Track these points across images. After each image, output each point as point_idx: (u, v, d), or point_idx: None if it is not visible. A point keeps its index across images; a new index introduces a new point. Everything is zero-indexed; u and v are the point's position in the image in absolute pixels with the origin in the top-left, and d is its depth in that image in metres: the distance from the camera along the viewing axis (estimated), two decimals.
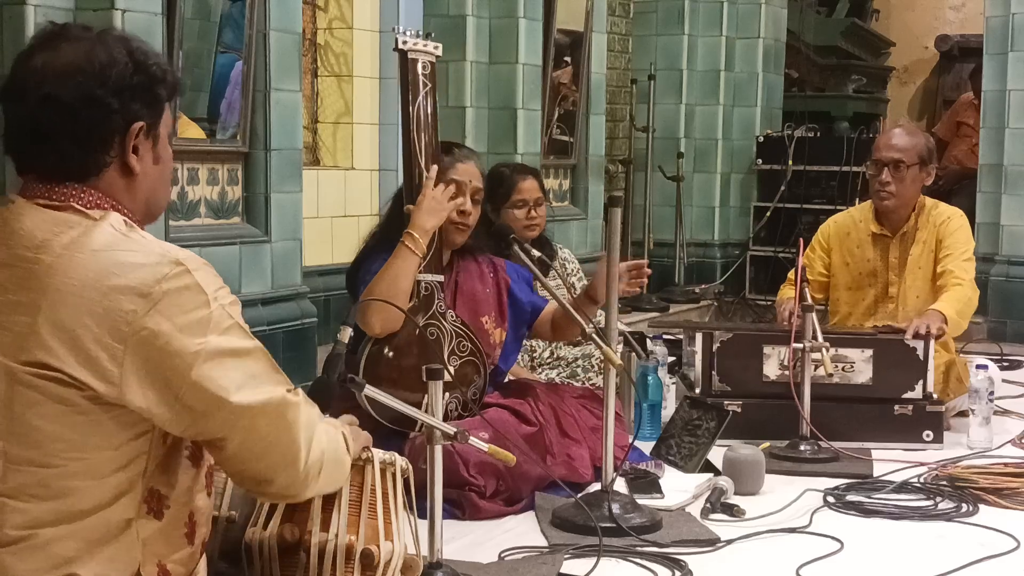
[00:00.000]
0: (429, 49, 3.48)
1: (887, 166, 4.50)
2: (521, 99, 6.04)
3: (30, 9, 3.64)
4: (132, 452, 1.80)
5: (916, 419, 4.17)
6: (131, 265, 1.77)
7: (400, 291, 3.34)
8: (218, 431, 1.84)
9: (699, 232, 8.18)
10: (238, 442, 1.86)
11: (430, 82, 3.47)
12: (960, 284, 4.37)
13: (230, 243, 4.38)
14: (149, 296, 1.75)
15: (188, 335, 1.76)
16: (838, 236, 4.69)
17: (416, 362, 3.32)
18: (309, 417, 1.94)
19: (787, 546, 3.13)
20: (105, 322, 1.74)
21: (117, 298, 1.75)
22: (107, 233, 1.80)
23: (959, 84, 10.64)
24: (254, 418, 1.84)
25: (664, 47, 8.10)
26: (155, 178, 1.92)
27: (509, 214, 4.31)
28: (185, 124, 4.26)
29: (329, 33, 6.22)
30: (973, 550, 3.09)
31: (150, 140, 1.89)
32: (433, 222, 3.40)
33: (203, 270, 1.82)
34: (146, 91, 1.87)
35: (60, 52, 1.82)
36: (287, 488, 1.96)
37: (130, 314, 1.74)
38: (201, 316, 1.78)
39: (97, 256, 1.77)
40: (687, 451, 3.79)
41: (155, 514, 1.84)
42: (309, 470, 1.94)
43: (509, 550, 3.03)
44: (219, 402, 1.80)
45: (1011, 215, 6.89)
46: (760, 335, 4.30)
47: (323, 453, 1.97)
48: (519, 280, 3.74)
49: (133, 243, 1.81)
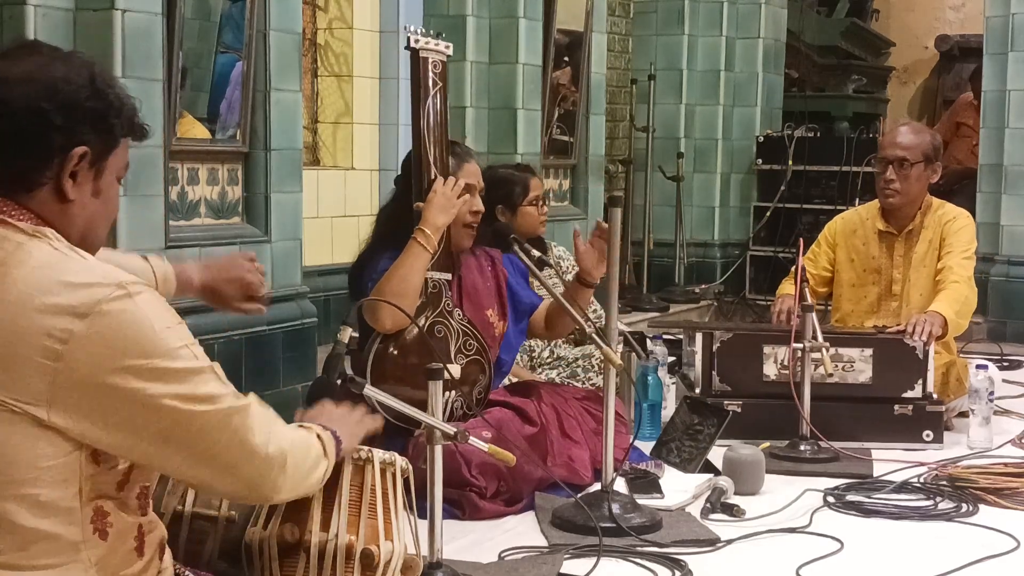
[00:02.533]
0: (440, 48, 3.49)
1: (892, 164, 4.51)
2: (521, 99, 6.04)
3: (30, 9, 3.64)
4: (64, 473, 1.73)
5: (916, 419, 4.17)
6: (71, 284, 1.71)
7: (411, 288, 3.34)
8: (160, 448, 1.77)
9: (699, 232, 8.18)
10: (186, 454, 1.79)
11: (441, 81, 3.48)
12: (957, 282, 4.37)
13: (230, 243, 4.38)
14: (87, 317, 1.69)
15: (129, 357, 1.71)
16: (844, 233, 4.70)
17: (422, 360, 3.32)
18: (262, 419, 1.87)
19: (787, 546, 3.14)
20: (38, 341, 1.68)
21: (53, 317, 1.68)
22: (46, 250, 1.74)
23: (959, 84, 10.63)
24: (205, 430, 1.78)
25: (664, 47, 8.10)
26: (94, 212, 1.83)
27: (527, 212, 4.36)
28: (190, 123, 4.27)
29: (329, 33, 6.22)
30: (973, 550, 3.09)
31: (93, 171, 1.81)
32: (444, 219, 3.40)
33: (146, 294, 1.75)
34: (99, 119, 1.79)
35: (20, 62, 1.78)
36: (240, 490, 1.90)
37: (65, 333, 1.68)
38: (143, 338, 1.72)
39: (35, 273, 1.71)
40: (687, 455, 3.78)
41: (101, 535, 1.78)
42: (267, 469, 1.87)
43: (509, 550, 3.03)
44: (164, 418, 1.74)
45: (1011, 215, 6.89)
46: (760, 335, 4.30)
47: (285, 451, 1.90)
48: (515, 273, 3.75)
49: (74, 262, 1.74)
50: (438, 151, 3.46)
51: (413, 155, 3.48)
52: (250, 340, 4.39)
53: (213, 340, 4.17)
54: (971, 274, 4.47)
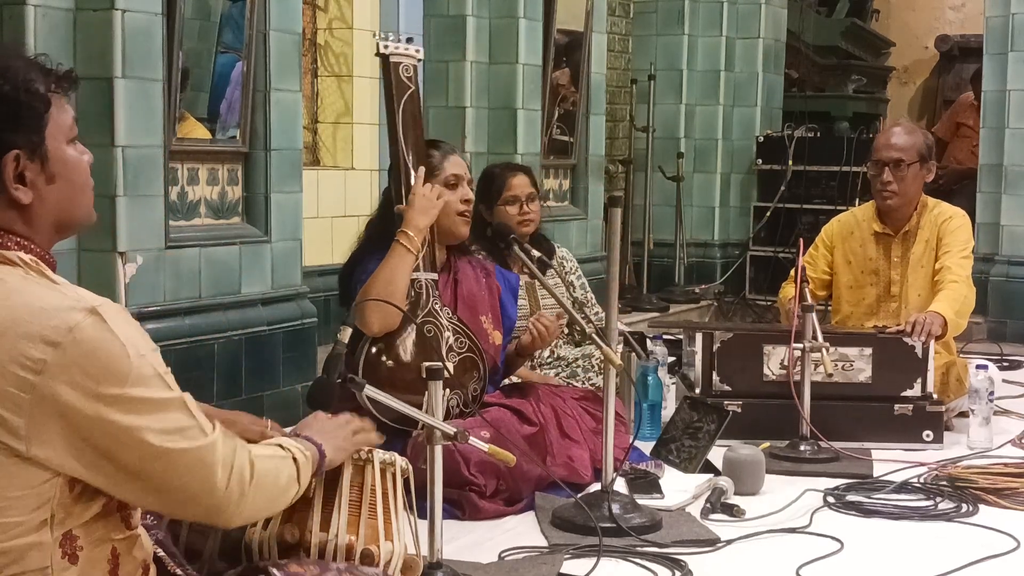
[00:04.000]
0: (411, 53, 3.52)
1: (888, 166, 4.51)
2: (521, 99, 6.04)
3: (30, 9, 3.64)
4: (39, 499, 1.70)
5: (916, 419, 4.17)
6: (42, 311, 1.66)
7: (397, 290, 3.35)
8: (127, 479, 1.74)
9: (699, 232, 8.18)
10: (149, 485, 1.77)
11: (413, 84, 3.51)
12: (956, 282, 4.38)
13: (230, 243, 4.38)
14: (59, 345, 1.64)
15: (103, 385, 1.67)
16: (841, 235, 4.71)
17: (414, 361, 3.32)
18: (226, 452, 1.83)
19: (787, 546, 3.14)
20: (10, 371, 1.64)
21: (25, 346, 1.64)
22: (17, 277, 1.70)
23: (959, 84, 10.63)
24: (171, 465, 1.75)
25: (664, 47, 8.09)
26: (59, 196, 1.78)
27: (502, 211, 4.32)
28: (192, 125, 4.27)
29: (329, 33, 6.22)
30: (973, 550, 3.09)
31: (37, 161, 1.74)
32: (425, 220, 3.43)
33: (119, 318, 1.71)
34: (12, 112, 1.71)
35: None
36: (199, 517, 1.89)
37: (38, 363, 1.64)
38: (116, 366, 1.68)
39: (6, 302, 1.67)
40: (687, 454, 3.79)
41: (70, 559, 1.74)
42: (226, 501, 1.83)
43: (509, 550, 3.03)
44: (134, 451, 1.71)
45: (1011, 215, 6.89)
46: (760, 335, 4.31)
47: (247, 483, 1.86)
48: (507, 290, 3.76)
49: (45, 288, 1.70)
50: (415, 153, 3.49)
51: (391, 159, 3.52)
52: (250, 340, 4.39)
53: (213, 340, 4.17)
54: (969, 273, 4.48)
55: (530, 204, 4.37)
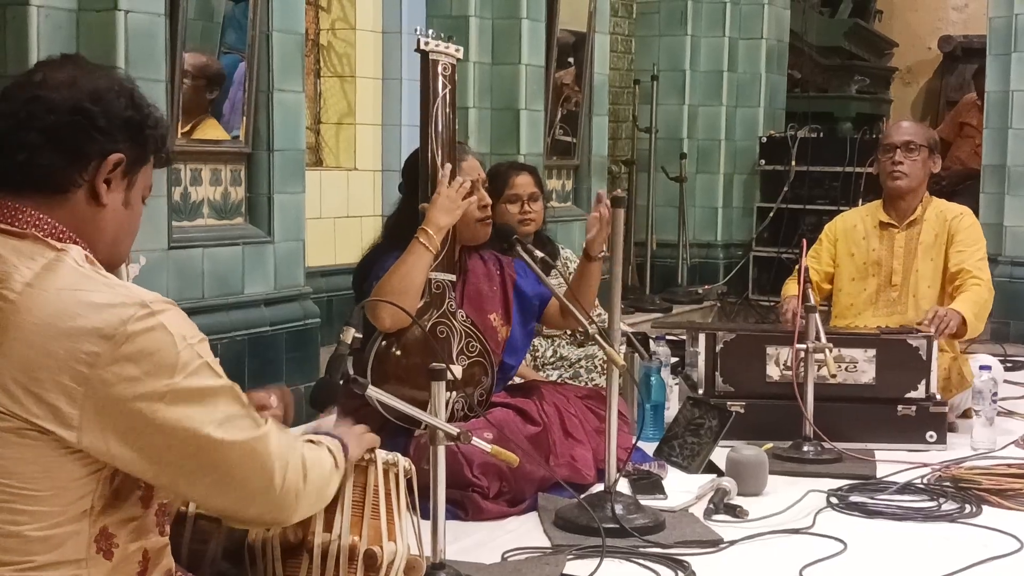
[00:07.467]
0: (450, 51, 3.49)
1: (899, 148, 4.55)
2: (524, 100, 6.04)
3: (33, 9, 3.64)
4: (81, 491, 1.73)
5: (919, 420, 4.17)
6: (95, 306, 1.70)
7: (412, 286, 3.34)
8: (185, 473, 1.78)
9: (702, 233, 8.18)
10: (209, 480, 1.80)
11: (450, 84, 3.49)
12: (979, 284, 4.41)
13: (233, 244, 4.38)
14: (113, 338, 1.69)
15: (155, 378, 1.71)
16: (844, 228, 4.77)
17: (424, 360, 3.31)
18: (280, 445, 1.87)
19: (790, 547, 3.13)
20: (65, 364, 1.68)
21: (79, 340, 1.68)
22: (70, 270, 1.73)
23: (962, 85, 10.63)
24: (226, 456, 1.79)
25: (667, 48, 8.10)
26: (122, 221, 1.86)
27: (503, 208, 4.30)
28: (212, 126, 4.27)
29: (332, 34, 6.22)
30: (977, 551, 3.09)
31: (125, 180, 1.84)
32: (447, 220, 3.41)
33: (170, 311, 1.75)
34: (135, 130, 1.83)
35: (63, 69, 1.81)
36: (263, 516, 1.92)
37: (92, 356, 1.68)
38: (168, 358, 1.72)
39: (60, 295, 1.71)
40: (690, 451, 3.79)
41: (105, 554, 1.77)
42: (286, 496, 1.88)
43: (512, 551, 3.03)
44: (189, 443, 1.75)
45: (1014, 216, 6.88)
46: (763, 336, 4.30)
47: (301, 476, 1.91)
48: (526, 275, 3.73)
49: (97, 283, 1.74)
50: (446, 153, 3.47)
51: (420, 158, 3.48)
52: (253, 340, 4.40)
53: (216, 340, 4.17)
54: (989, 276, 4.51)
55: (532, 204, 4.37)
